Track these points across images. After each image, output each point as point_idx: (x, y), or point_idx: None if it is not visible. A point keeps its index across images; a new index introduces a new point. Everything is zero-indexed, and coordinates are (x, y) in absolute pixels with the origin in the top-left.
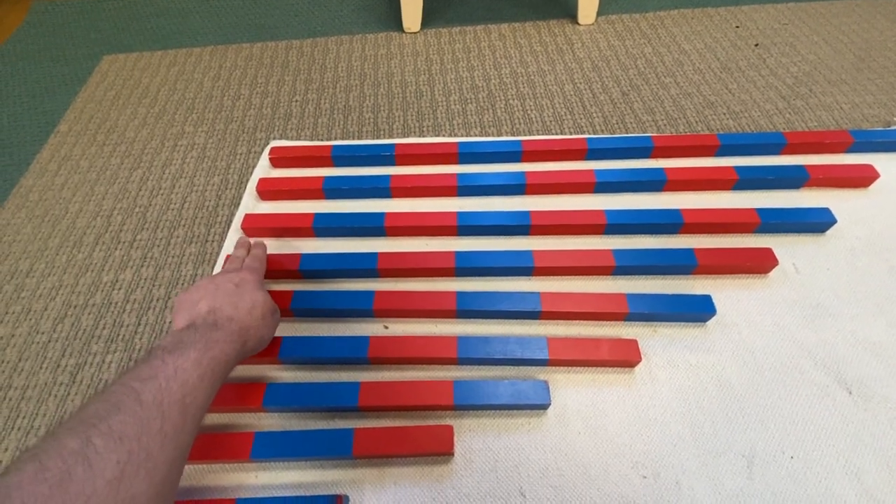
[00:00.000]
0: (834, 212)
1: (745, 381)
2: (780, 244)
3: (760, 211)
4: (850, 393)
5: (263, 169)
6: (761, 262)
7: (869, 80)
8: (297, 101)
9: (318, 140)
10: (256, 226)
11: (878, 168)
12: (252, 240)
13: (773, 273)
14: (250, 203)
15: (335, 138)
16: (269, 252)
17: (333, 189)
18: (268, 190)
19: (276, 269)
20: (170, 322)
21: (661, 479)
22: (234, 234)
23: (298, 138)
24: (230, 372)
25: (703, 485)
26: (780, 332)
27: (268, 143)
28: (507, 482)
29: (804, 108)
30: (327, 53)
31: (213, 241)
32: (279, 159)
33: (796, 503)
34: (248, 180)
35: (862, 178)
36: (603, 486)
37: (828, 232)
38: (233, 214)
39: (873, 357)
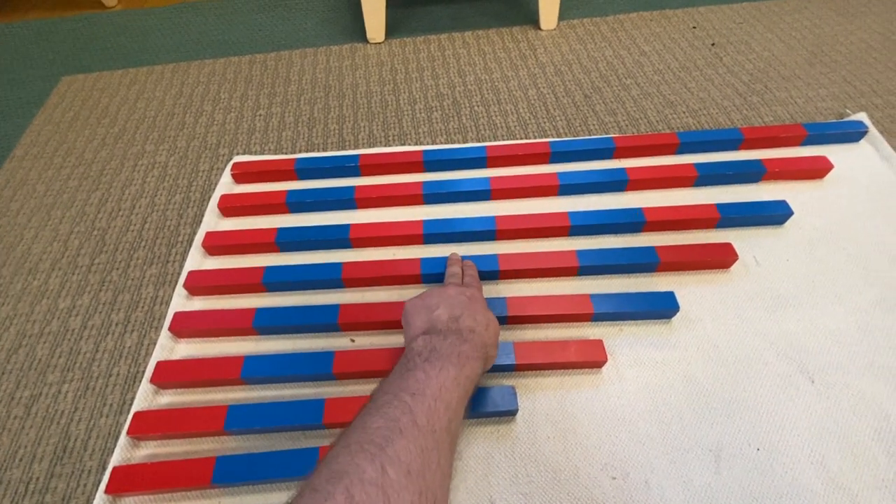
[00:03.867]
0: (791, 204)
1: (710, 376)
2: (740, 238)
3: (720, 206)
4: (813, 382)
5: (226, 185)
6: (722, 257)
7: (821, 74)
8: (260, 115)
9: (283, 154)
10: (218, 244)
11: (832, 159)
12: (459, 256)
13: (735, 267)
14: (212, 221)
15: (300, 151)
16: (230, 267)
17: (297, 203)
18: (230, 206)
19: (238, 283)
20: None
21: (630, 480)
22: (195, 253)
23: (262, 153)
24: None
25: (672, 483)
26: (743, 324)
27: (231, 159)
28: (477, 492)
29: (760, 104)
30: (291, 66)
31: (174, 262)
32: (242, 175)
33: (763, 495)
34: (210, 198)
35: (817, 170)
36: (573, 490)
37: (786, 224)
38: (195, 233)
39: (834, 345)
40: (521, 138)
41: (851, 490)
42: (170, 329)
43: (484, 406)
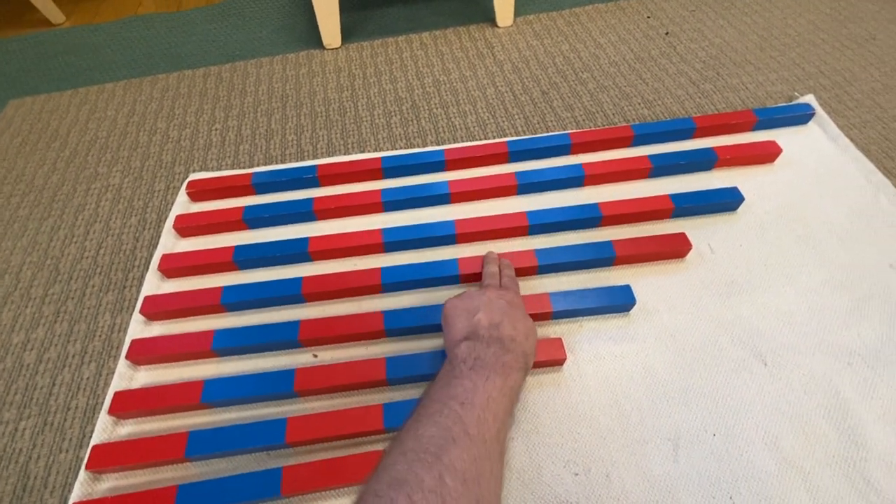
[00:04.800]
0: (744, 189)
1: (667, 365)
2: (695, 227)
3: (674, 196)
4: (766, 364)
5: (182, 204)
6: (677, 247)
7: (771, 58)
8: (216, 129)
9: (241, 168)
10: (175, 266)
11: (781, 142)
12: (496, 255)
13: (690, 256)
14: (169, 242)
15: (258, 164)
16: (188, 290)
17: (255, 218)
18: (186, 226)
19: (196, 305)
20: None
21: (591, 474)
22: (152, 277)
23: (220, 168)
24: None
25: (632, 474)
26: (698, 312)
27: (187, 177)
28: None
29: (713, 91)
30: (247, 77)
31: (131, 287)
32: (198, 192)
33: (720, 480)
34: (167, 218)
35: (767, 155)
36: (536, 489)
37: (739, 210)
38: (151, 256)
39: (785, 326)
40: (481, 139)
41: (803, 468)
42: (127, 357)
43: None
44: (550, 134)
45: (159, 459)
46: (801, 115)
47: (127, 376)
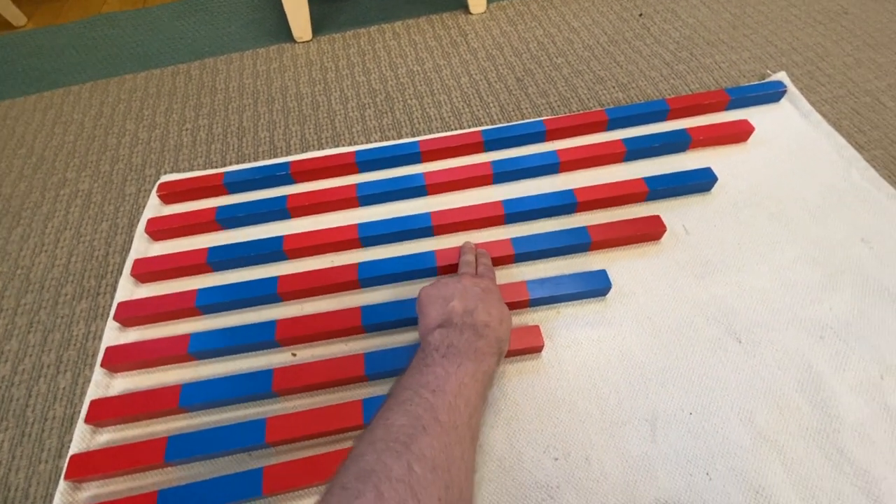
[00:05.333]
0: (717, 169)
1: (644, 348)
2: (670, 208)
3: (648, 179)
4: (741, 342)
5: (154, 208)
6: (652, 230)
7: (744, 36)
8: (187, 129)
9: (213, 168)
10: (148, 270)
11: (754, 121)
12: (473, 244)
13: (665, 238)
14: (142, 247)
15: (230, 164)
16: (162, 294)
17: (228, 218)
18: (158, 230)
19: (171, 310)
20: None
21: (571, 458)
22: (125, 283)
23: (191, 169)
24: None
25: (611, 456)
26: (674, 293)
27: (158, 179)
28: None
29: (686, 72)
30: (217, 75)
31: (105, 294)
32: (169, 195)
33: (697, 457)
34: (138, 222)
35: (740, 134)
36: (518, 475)
37: (713, 190)
38: (124, 261)
39: (759, 304)
40: (456, 128)
41: (778, 442)
42: (102, 365)
43: None
44: (525, 121)
45: (139, 466)
46: (773, 93)
47: (103, 384)
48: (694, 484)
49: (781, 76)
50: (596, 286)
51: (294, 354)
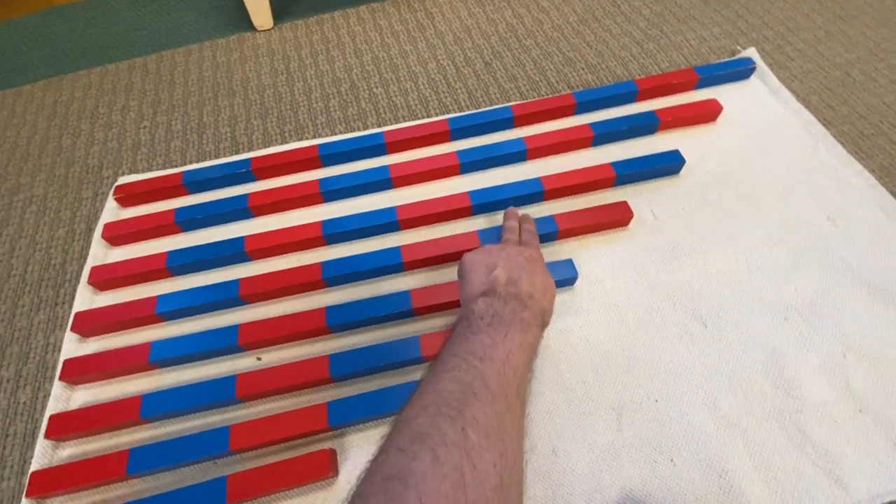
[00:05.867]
0: (686, 151)
1: (611, 336)
2: (638, 193)
3: (615, 164)
4: (706, 326)
5: (112, 211)
6: (619, 216)
7: (715, 11)
8: (145, 127)
9: (173, 168)
10: (105, 277)
11: (724, 99)
12: (517, 210)
13: (633, 223)
14: (100, 253)
15: (191, 162)
16: (121, 302)
17: (188, 220)
18: (115, 235)
19: (131, 318)
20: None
21: (538, 451)
22: (83, 291)
23: (150, 169)
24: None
25: (578, 446)
26: (641, 280)
27: (116, 181)
28: None
29: (656, 51)
30: (175, 68)
31: (63, 304)
32: (127, 197)
33: (662, 444)
34: (96, 227)
35: (708, 113)
36: None
37: (681, 172)
38: (83, 269)
39: (725, 287)
40: (423, 117)
41: (741, 425)
42: (61, 378)
43: (392, 406)
44: (492, 108)
45: (101, 480)
46: (742, 70)
47: (63, 397)
48: (658, 471)
49: (751, 52)
50: (562, 276)
51: (259, 358)
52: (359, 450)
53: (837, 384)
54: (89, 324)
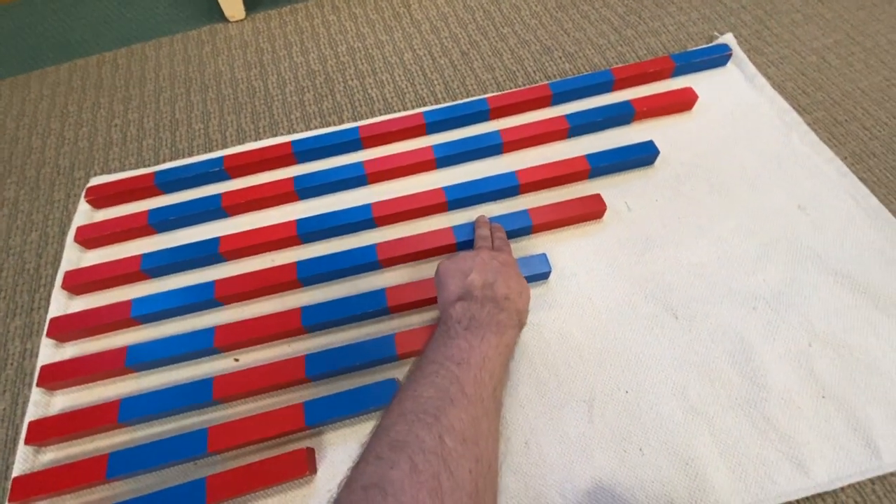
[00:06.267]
0: (661, 141)
1: (584, 329)
2: (613, 185)
3: (590, 157)
4: (677, 317)
5: (85, 214)
6: (592, 209)
7: None
8: (116, 125)
9: (146, 167)
10: (79, 282)
11: (701, 87)
12: (487, 219)
13: (607, 216)
14: (74, 256)
15: (164, 161)
16: (96, 306)
17: (162, 221)
18: (88, 238)
19: (106, 322)
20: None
21: (511, 444)
22: (58, 297)
23: (123, 169)
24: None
25: (549, 439)
26: (614, 272)
27: (88, 182)
28: None
29: (634, 38)
30: (146, 62)
31: (39, 309)
32: (99, 199)
33: (631, 434)
34: (69, 231)
35: (684, 103)
36: None
37: (656, 163)
38: (57, 273)
39: (696, 278)
40: (399, 110)
41: (708, 414)
42: (38, 384)
43: (368, 404)
44: (468, 100)
45: (82, 485)
46: (719, 57)
47: (42, 403)
48: (627, 460)
49: (728, 38)
50: (536, 271)
51: (237, 360)
52: (336, 447)
53: (802, 371)
54: (65, 329)
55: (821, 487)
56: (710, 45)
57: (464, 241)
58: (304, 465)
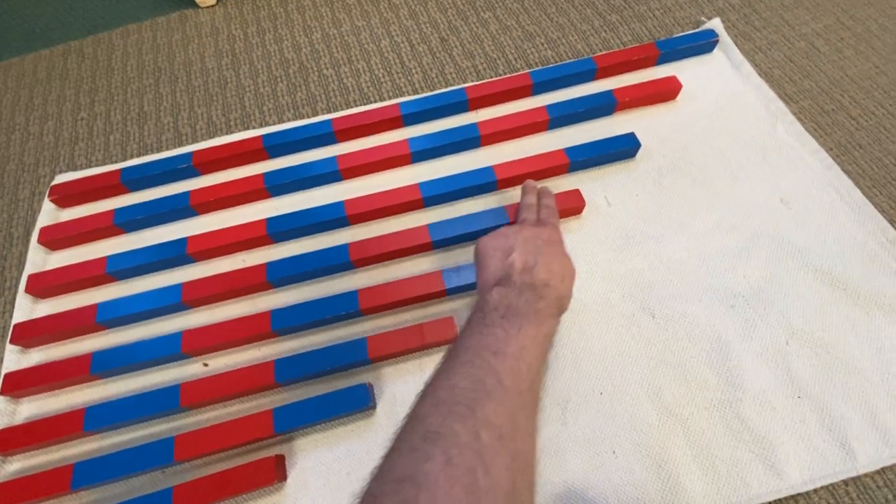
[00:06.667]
0: (643, 133)
1: (561, 330)
2: (593, 179)
3: (569, 150)
4: (654, 316)
5: (49, 213)
6: (571, 205)
7: None
8: (82, 119)
9: (113, 163)
10: (43, 286)
11: (685, 76)
12: (535, 184)
13: (586, 211)
14: (38, 259)
15: (132, 156)
16: (61, 311)
17: (128, 221)
18: (53, 239)
19: (71, 328)
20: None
21: None
22: (22, 301)
23: (89, 165)
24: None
25: None
26: (592, 270)
27: (53, 180)
28: (339, 491)
29: (619, 23)
30: (113, 51)
31: (4, 314)
32: (64, 198)
33: (604, 436)
34: (34, 231)
35: (668, 92)
36: None
37: (637, 156)
38: (21, 276)
39: (674, 276)
40: (376, 100)
41: (682, 415)
42: (2, 392)
43: (338, 410)
44: (445, 91)
45: (48, 495)
46: (705, 44)
47: (8, 412)
48: (600, 463)
49: (715, 24)
50: None
51: (206, 364)
52: (307, 454)
53: (779, 371)
54: (29, 335)
55: (794, 489)
56: (697, 30)
57: (439, 240)
58: (272, 473)
